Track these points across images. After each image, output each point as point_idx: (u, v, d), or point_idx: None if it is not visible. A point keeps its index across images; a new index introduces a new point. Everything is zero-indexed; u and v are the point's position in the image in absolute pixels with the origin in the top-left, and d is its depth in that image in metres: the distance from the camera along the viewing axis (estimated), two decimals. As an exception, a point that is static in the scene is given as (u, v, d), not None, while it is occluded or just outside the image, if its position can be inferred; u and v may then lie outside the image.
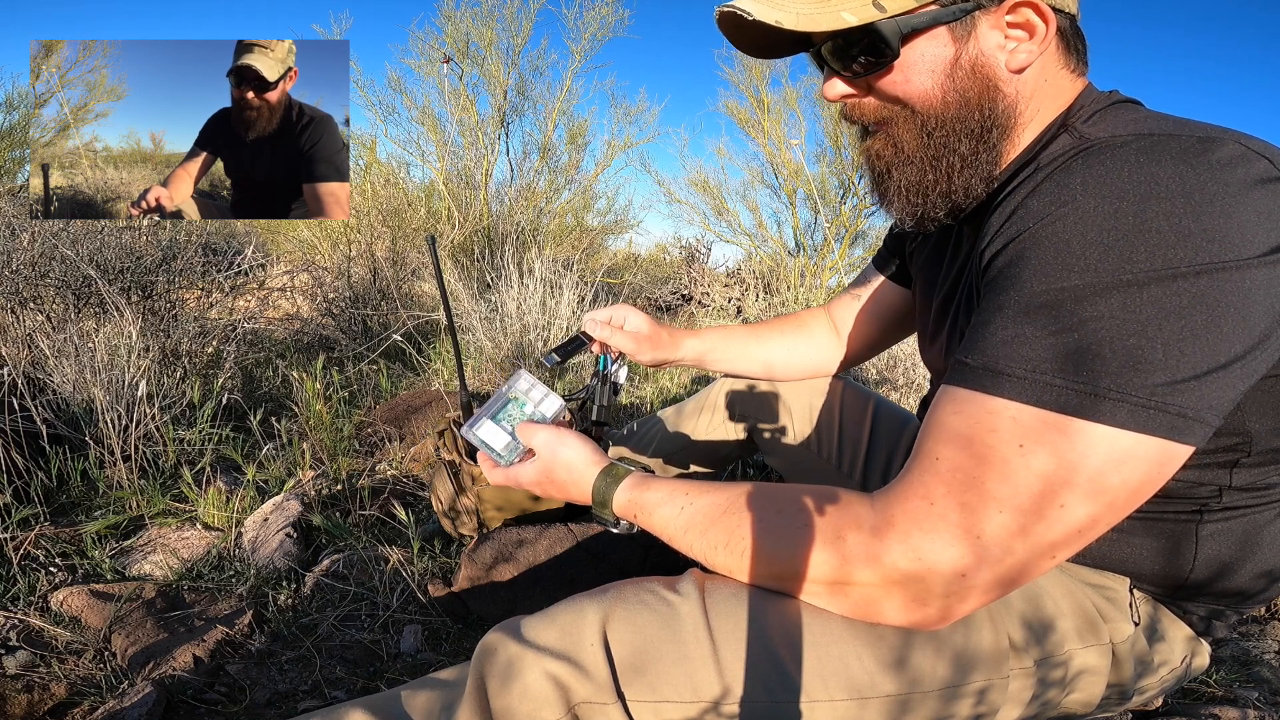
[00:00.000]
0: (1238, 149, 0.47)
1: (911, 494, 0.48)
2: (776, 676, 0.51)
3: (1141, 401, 0.44)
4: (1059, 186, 0.49)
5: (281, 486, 1.45)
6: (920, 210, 0.63)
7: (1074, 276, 0.46)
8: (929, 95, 0.58)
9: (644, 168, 6.76)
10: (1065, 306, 0.46)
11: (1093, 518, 0.46)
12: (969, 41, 0.56)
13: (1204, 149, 0.47)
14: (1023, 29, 0.56)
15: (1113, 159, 0.48)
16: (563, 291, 2.68)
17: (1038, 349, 0.46)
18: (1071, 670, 0.60)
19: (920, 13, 0.55)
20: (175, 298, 2.11)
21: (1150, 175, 0.46)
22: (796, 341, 1.05)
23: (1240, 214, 0.44)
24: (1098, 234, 0.46)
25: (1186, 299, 0.44)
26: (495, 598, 1.05)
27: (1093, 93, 0.60)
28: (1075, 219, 0.47)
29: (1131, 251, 0.45)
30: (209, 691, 0.91)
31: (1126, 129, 0.52)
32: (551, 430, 0.69)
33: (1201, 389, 0.44)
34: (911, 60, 0.57)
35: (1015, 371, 0.47)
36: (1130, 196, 0.46)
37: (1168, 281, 0.44)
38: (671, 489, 0.61)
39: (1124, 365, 0.44)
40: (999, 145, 0.59)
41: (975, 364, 0.49)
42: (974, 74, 0.57)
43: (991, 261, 0.53)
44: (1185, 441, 0.45)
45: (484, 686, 0.54)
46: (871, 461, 1.04)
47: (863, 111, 0.62)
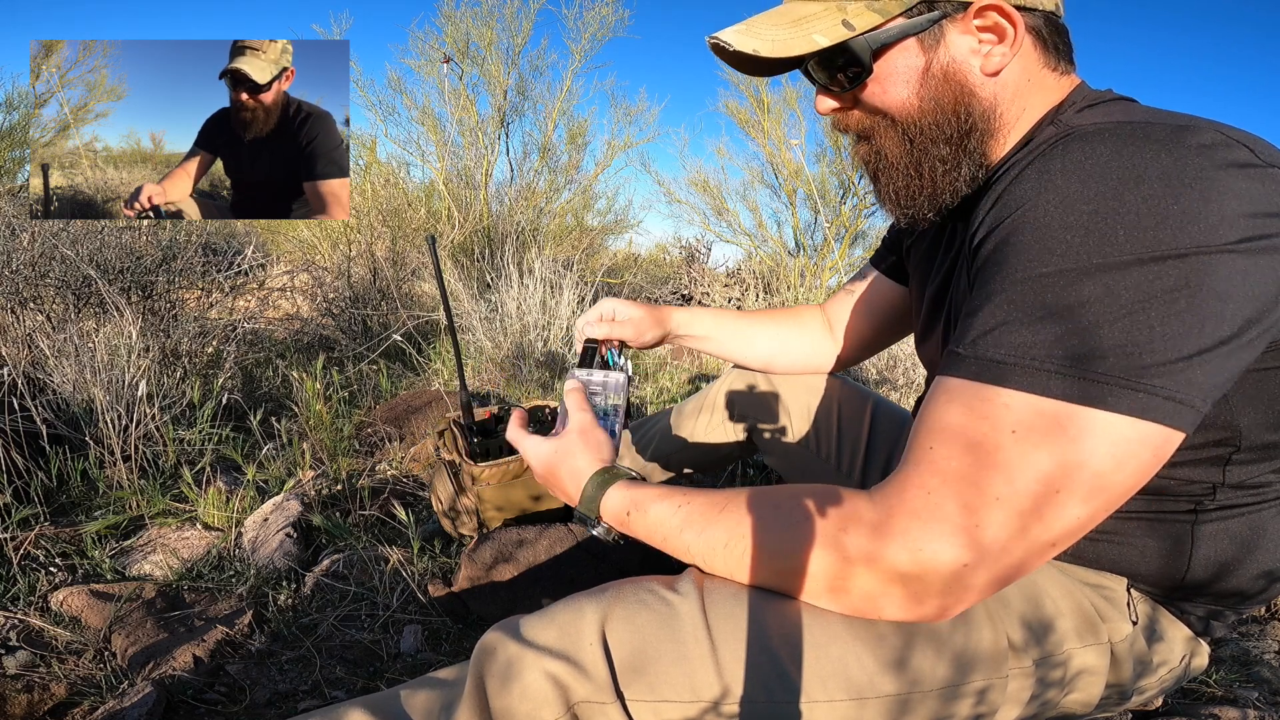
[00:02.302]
0: (1217, 135, 0.47)
1: (910, 490, 0.48)
2: (776, 676, 0.51)
3: (1129, 385, 0.44)
4: (1039, 173, 0.50)
5: (281, 486, 1.45)
6: (910, 212, 0.66)
7: (1055, 260, 0.47)
8: (906, 104, 0.60)
9: (644, 168, 6.76)
10: (1049, 291, 0.46)
11: (1085, 508, 0.46)
12: (939, 50, 0.58)
13: (1181, 135, 0.47)
14: (993, 32, 0.58)
15: (1091, 144, 0.49)
16: (563, 291, 2.68)
17: (1025, 335, 0.47)
18: (1071, 670, 0.60)
19: (888, 27, 0.58)
20: (175, 298, 2.12)
21: (1128, 159, 0.46)
22: (789, 333, 1.06)
23: (1220, 198, 0.45)
24: (1077, 217, 0.46)
25: (1169, 282, 0.44)
26: (495, 598, 1.05)
27: (1085, 90, 0.61)
28: (1055, 203, 0.48)
29: (1111, 234, 0.45)
30: (209, 691, 0.91)
31: (1109, 119, 0.53)
32: (593, 420, 0.71)
33: (1188, 372, 0.44)
34: (886, 73, 0.60)
35: (1006, 359, 0.47)
36: (1108, 180, 0.46)
37: (1148, 265, 0.44)
38: (667, 489, 0.61)
39: (1108, 349, 0.44)
40: (981, 147, 0.61)
41: (966, 353, 0.49)
42: (946, 81, 0.59)
43: (978, 249, 0.54)
44: (1174, 425, 0.45)
45: (483, 686, 0.54)
46: (870, 461, 1.04)
47: (850, 123, 0.66)
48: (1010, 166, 0.56)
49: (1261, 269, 0.45)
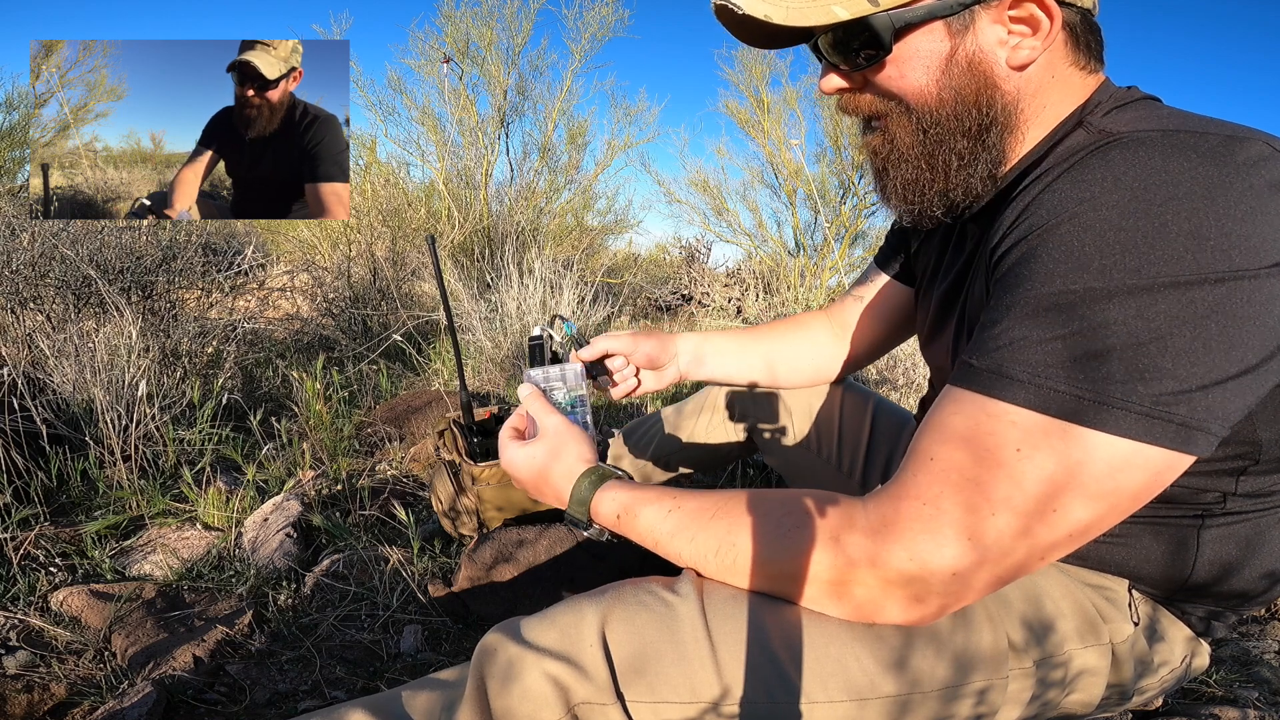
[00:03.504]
0: (1265, 149, 0.45)
1: (911, 494, 0.48)
2: (775, 677, 0.51)
3: (1146, 411, 0.43)
4: (1075, 183, 0.48)
5: (281, 486, 1.45)
6: (917, 208, 0.63)
7: (1086, 279, 0.45)
8: (924, 91, 0.57)
9: (644, 168, 6.75)
10: (1076, 310, 0.45)
11: (1091, 521, 0.46)
12: (967, 37, 0.55)
13: (1230, 148, 0.45)
14: (1026, 24, 0.55)
15: (1134, 155, 0.46)
16: (563, 291, 2.68)
17: (1044, 352, 0.45)
18: (1071, 671, 0.60)
19: (915, 7, 0.54)
20: (175, 298, 2.12)
21: (1172, 174, 0.44)
22: (797, 343, 1.02)
23: (1263, 219, 0.43)
24: (1115, 235, 0.44)
25: (1202, 307, 0.43)
26: (495, 598, 1.05)
27: (1110, 88, 0.59)
28: (1091, 218, 0.46)
29: (1148, 255, 0.43)
30: (209, 691, 0.91)
31: (1149, 124, 0.50)
32: (565, 420, 0.70)
33: (1209, 399, 0.43)
34: (906, 55, 0.56)
35: (1020, 375, 0.46)
36: (1150, 197, 0.44)
37: (1183, 289, 0.43)
38: (659, 492, 0.60)
39: (1131, 373, 0.43)
40: (1000, 144, 0.58)
41: (980, 365, 0.48)
42: (971, 70, 0.56)
43: (1002, 259, 0.52)
44: (1189, 451, 0.44)
45: (484, 687, 0.54)
46: (871, 461, 1.04)
47: (858, 105, 0.61)
48: (1043, 172, 0.53)
49: None
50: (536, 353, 0.82)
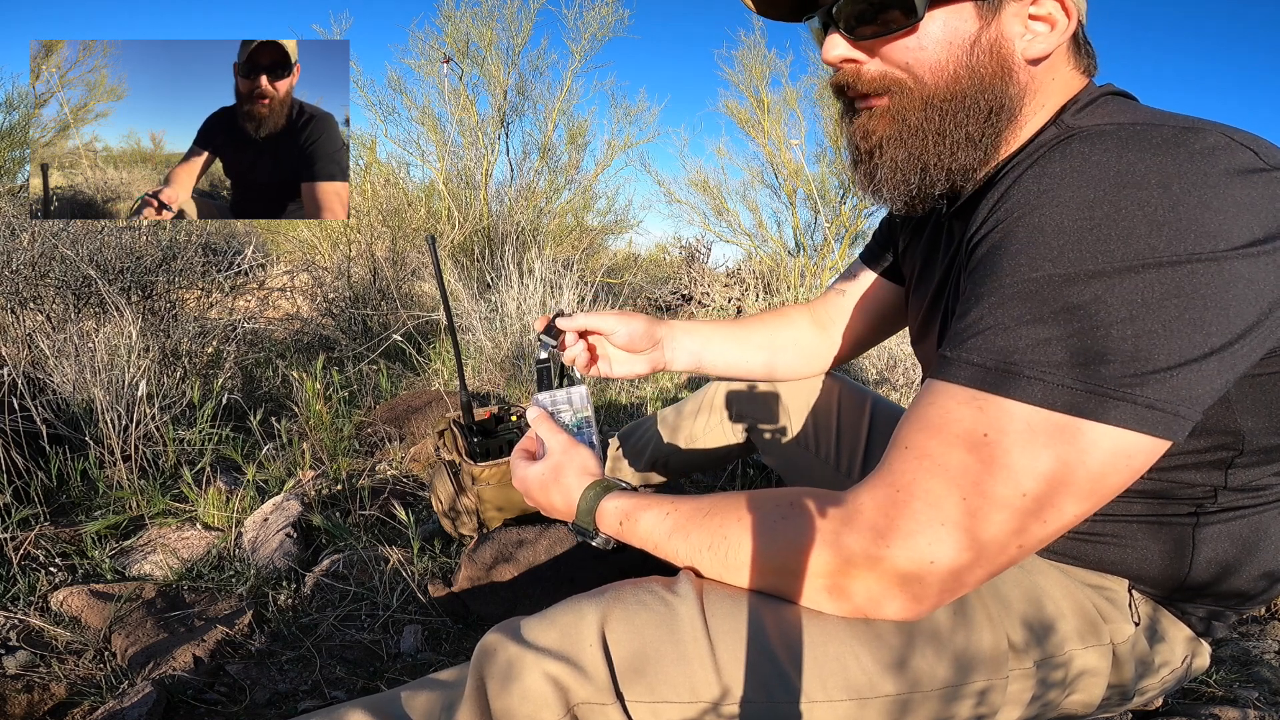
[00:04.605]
0: (1221, 139, 0.46)
1: (902, 490, 0.48)
2: (775, 677, 0.51)
3: (1114, 394, 0.44)
4: (1037, 177, 0.49)
5: (281, 486, 1.45)
6: (915, 189, 0.61)
7: (1047, 266, 0.46)
8: (941, 67, 0.57)
9: (644, 168, 6.75)
10: (1038, 296, 0.46)
11: (1080, 502, 0.46)
12: (993, 23, 0.56)
13: (1184, 138, 0.46)
14: (1044, 21, 0.56)
15: (1090, 148, 0.48)
16: (563, 291, 2.68)
17: (1008, 340, 0.46)
18: (1072, 671, 0.60)
19: None
20: (175, 298, 2.12)
21: (1127, 164, 0.46)
22: (781, 334, 1.01)
23: (1219, 204, 0.44)
24: (1072, 223, 0.46)
25: (1160, 290, 0.43)
26: (495, 598, 1.05)
27: (1090, 89, 0.60)
28: (1051, 208, 0.47)
29: (1105, 241, 0.44)
30: (209, 691, 0.91)
31: (1110, 119, 0.52)
32: (570, 439, 0.72)
33: (1172, 382, 0.44)
34: (931, 29, 0.56)
35: (988, 363, 0.47)
36: (1106, 185, 0.45)
37: (1141, 272, 0.44)
38: (657, 496, 0.62)
39: (1096, 356, 0.44)
40: (1004, 130, 0.59)
41: (951, 356, 0.49)
42: (992, 54, 0.56)
43: (973, 251, 0.53)
44: (1154, 434, 0.44)
45: (484, 687, 0.54)
46: (869, 460, 1.04)
47: (860, 78, 0.60)
48: (1013, 167, 0.54)
49: (1259, 276, 0.44)
50: (543, 376, 0.84)
